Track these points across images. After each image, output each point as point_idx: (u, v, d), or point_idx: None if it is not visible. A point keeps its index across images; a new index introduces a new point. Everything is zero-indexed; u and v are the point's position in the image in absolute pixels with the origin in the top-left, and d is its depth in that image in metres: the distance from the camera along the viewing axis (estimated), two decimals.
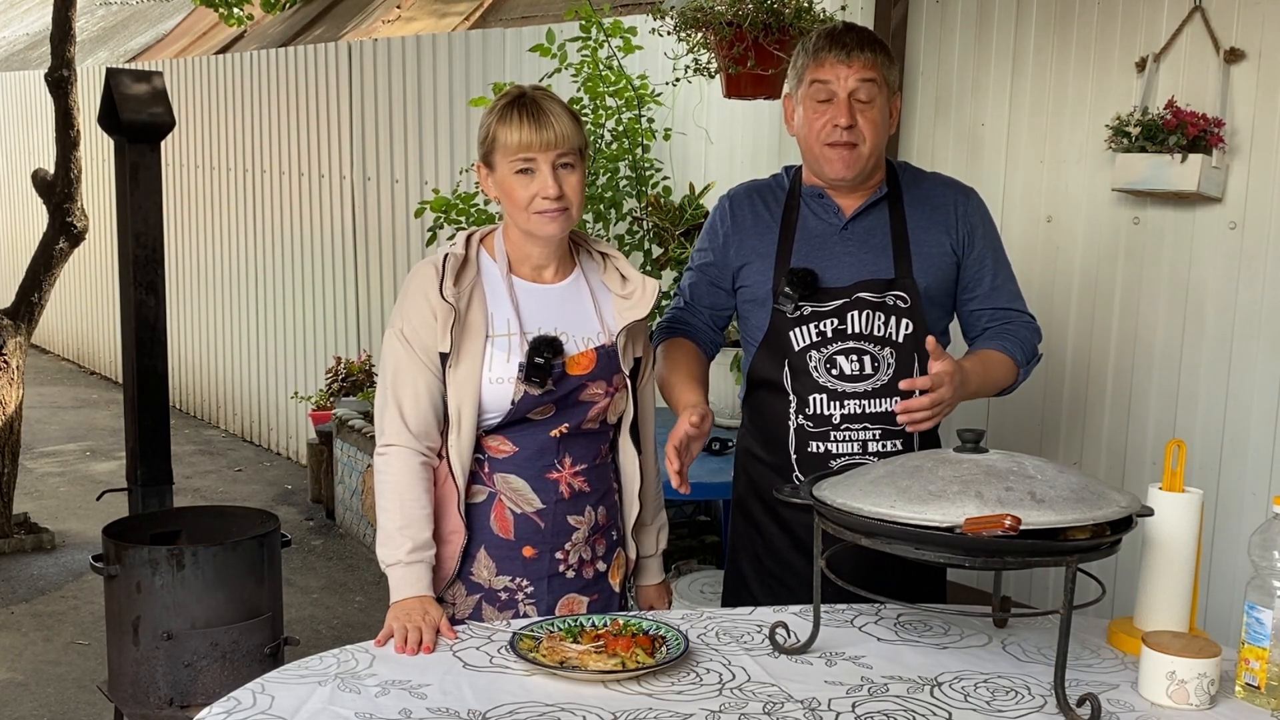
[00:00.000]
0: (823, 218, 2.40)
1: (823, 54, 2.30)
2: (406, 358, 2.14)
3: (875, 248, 2.37)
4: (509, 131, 2.11)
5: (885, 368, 2.33)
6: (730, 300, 2.48)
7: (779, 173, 2.51)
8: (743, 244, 2.42)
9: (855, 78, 2.28)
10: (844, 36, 2.31)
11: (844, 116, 2.28)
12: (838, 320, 2.33)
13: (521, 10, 6.30)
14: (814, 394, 2.34)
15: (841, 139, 2.29)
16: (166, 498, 3.90)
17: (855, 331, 2.33)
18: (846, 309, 2.33)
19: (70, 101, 5.54)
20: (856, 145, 2.30)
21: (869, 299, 2.33)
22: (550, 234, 2.15)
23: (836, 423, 2.33)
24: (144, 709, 3.30)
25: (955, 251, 2.40)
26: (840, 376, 2.33)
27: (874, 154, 2.34)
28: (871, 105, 2.30)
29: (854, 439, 2.33)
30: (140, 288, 3.82)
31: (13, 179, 10.46)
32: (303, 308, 7.16)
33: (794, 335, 2.35)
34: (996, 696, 1.82)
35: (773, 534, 2.44)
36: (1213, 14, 3.15)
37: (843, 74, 2.29)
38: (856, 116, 2.29)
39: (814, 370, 2.34)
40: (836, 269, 2.35)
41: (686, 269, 2.54)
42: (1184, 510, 1.95)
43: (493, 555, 2.18)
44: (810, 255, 2.37)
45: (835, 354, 2.33)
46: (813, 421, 2.35)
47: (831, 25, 2.40)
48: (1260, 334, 3.14)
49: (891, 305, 2.34)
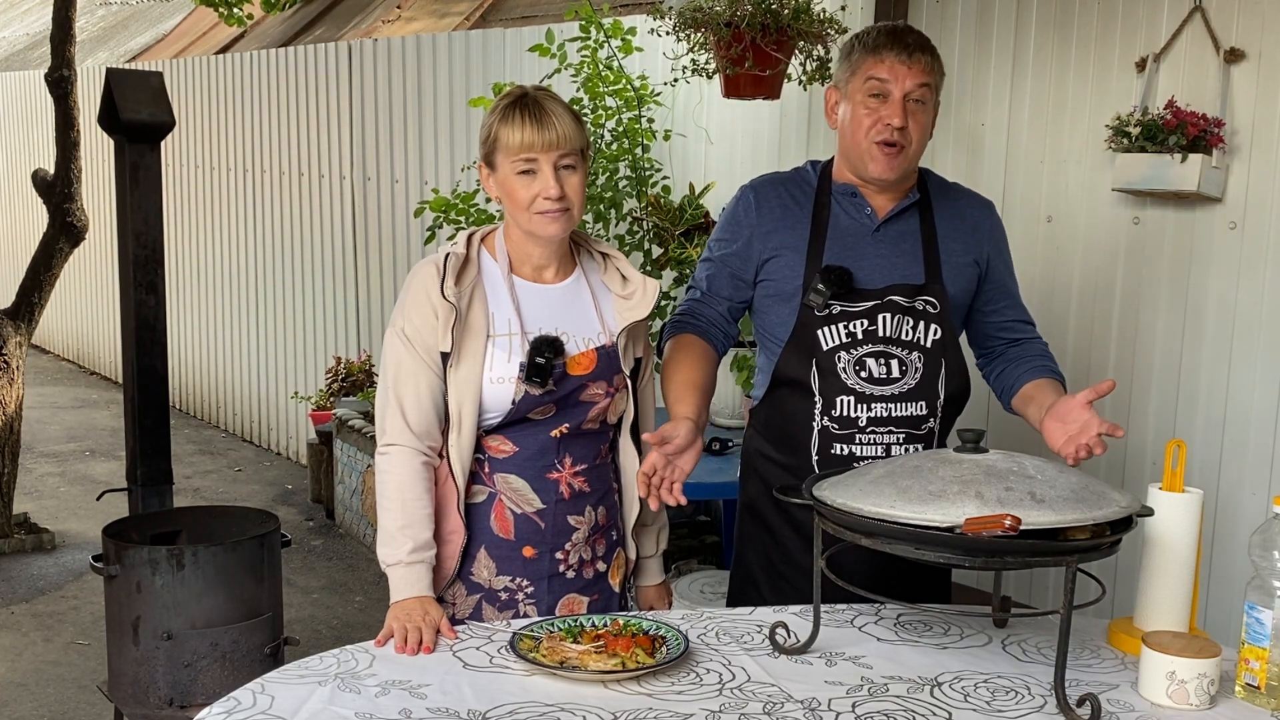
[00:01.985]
0: (855, 217, 2.38)
1: (884, 51, 2.28)
2: (408, 357, 2.14)
3: (906, 252, 2.36)
4: (511, 131, 2.10)
5: (913, 372, 2.32)
6: (749, 293, 2.44)
7: (802, 166, 2.48)
8: (771, 236, 2.38)
9: (913, 80, 2.28)
10: (906, 36, 2.30)
11: (898, 117, 2.27)
12: (868, 322, 2.32)
13: (521, 10, 6.30)
14: (841, 395, 2.32)
15: (893, 138, 2.28)
16: (166, 498, 3.90)
17: (885, 335, 2.32)
18: (877, 311, 2.32)
19: (70, 101, 5.54)
20: (904, 147, 2.30)
21: (900, 302, 2.32)
22: (551, 234, 2.15)
23: (863, 425, 2.32)
24: (144, 709, 3.30)
25: (979, 265, 2.42)
26: (869, 379, 2.32)
27: (917, 158, 2.35)
28: (924, 108, 2.30)
29: (879, 442, 2.32)
30: (140, 288, 3.82)
31: (13, 179, 10.47)
32: (303, 308, 7.16)
33: (822, 334, 2.32)
34: (996, 696, 1.82)
35: (786, 536, 2.41)
36: (1213, 14, 3.15)
37: (901, 74, 2.27)
38: (909, 118, 2.28)
39: (842, 371, 2.31)
40: (868, 270, 2.34)
41: (702, 260, 2.49)
42: (1184, 510, 1.95)
43: (493, 555, 2.18)
44: (842, 254, 2.35)
45: (864, 356, 2.32)
46: (838, 423, 2.32)
47: (891, 24, 2.39)
48: (1260, 334, 3.14)
49: (921, 310, 2.33)
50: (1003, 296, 2.47)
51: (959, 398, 2.40)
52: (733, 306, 2.45)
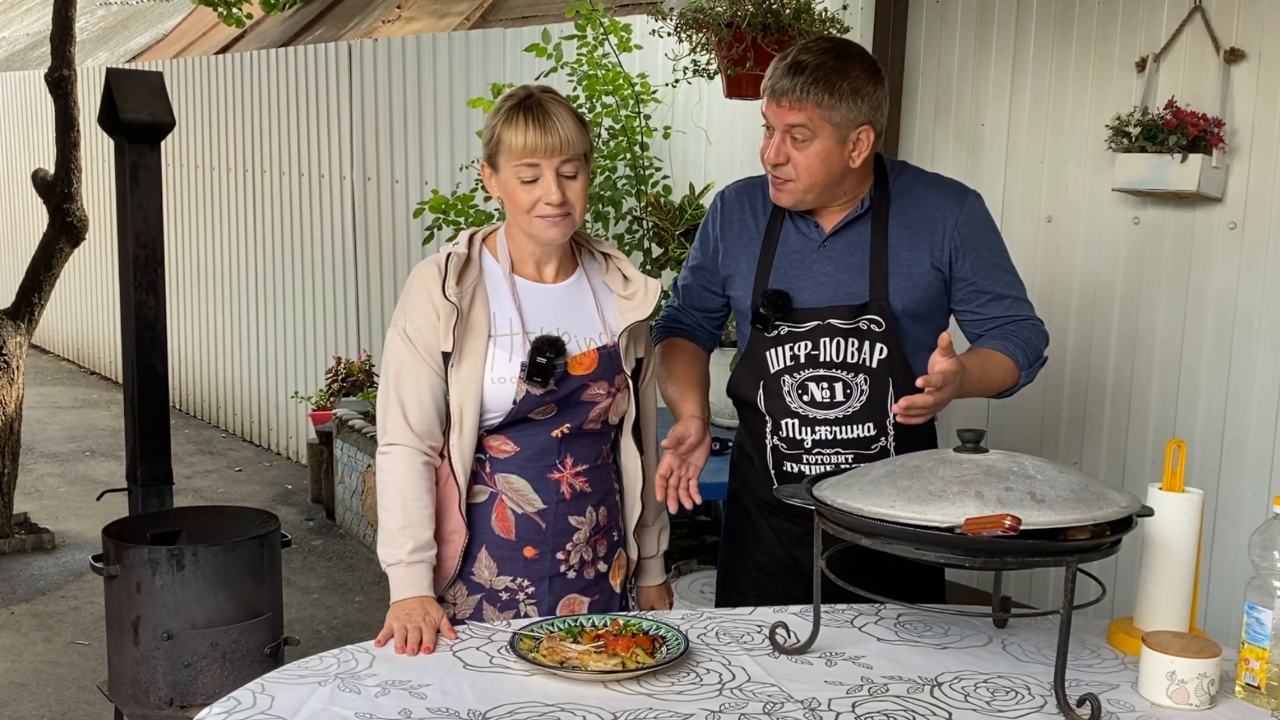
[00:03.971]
0: (803, 232, 2.36)
1: (765, 87, 2.28)
2: (409, 357, 2.14)
3: (852, 266, 2.31)
4: (514, 134, 2.10)
5: (859, 394, 2.31)
6: (722, 302, 2.48)
7: None
8: (728, 254, 2.42)
9: (784, 122, 2.25)
10: (782, 79, 2.24)
11: (773, 153, 2.27)
12: (810, 345, 2.31)
13: (521, 10, 6.30)
14: (786, 418, 2.34)
15: (778, 173, 2.28)
16: (166, 498, 3.90)
17: (827, 359, 2.30)
18: (818, 334, 2.30)
19: (70, 101, 5.53)
20: (790, 180, 2.27)
21: (839, 325, 2.29)
22: (551, 239, 2.15)
23: (808, 447, 2.33)
24: (144, 709, 3.30)
25: (939, 268, 2.31)
26: (811, 403, 2.32)
27: (809, 190, 2.28)
28: (807, 144, 2.25)
29: (826, 462, 2.32)
30: (140, 288, 3.82)
31: (13, 179, 10.46)
32: (303, 308, 7.16)
33: (770, 356, 2.34)
34: (996, 696, 1.82)
35: (763, 529, 2.45)
36: (1213, 14, 3.15)
37: (773, 113, 2.27)
38: (791, 151, 2.26)
39: (787, 395, 2.33)
40: (812, 288, 2.32)
41: (683, 267, 2.54)
42: (1184, 510, 1.95)
43: (494, 555, 2.18)
44: (789, 272, 2.34)
45: (807, 380, 2.32)
46: (786, 444, 2.35)
47: (790, 57, 2.29)
48: (1260, 334, 3.14)
49: (865, 330, 2.29)
50: (977, 295, 2.33)
51: None
52: (707, 316, 2.51)
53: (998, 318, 2.35)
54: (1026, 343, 2.34)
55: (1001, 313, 2.35)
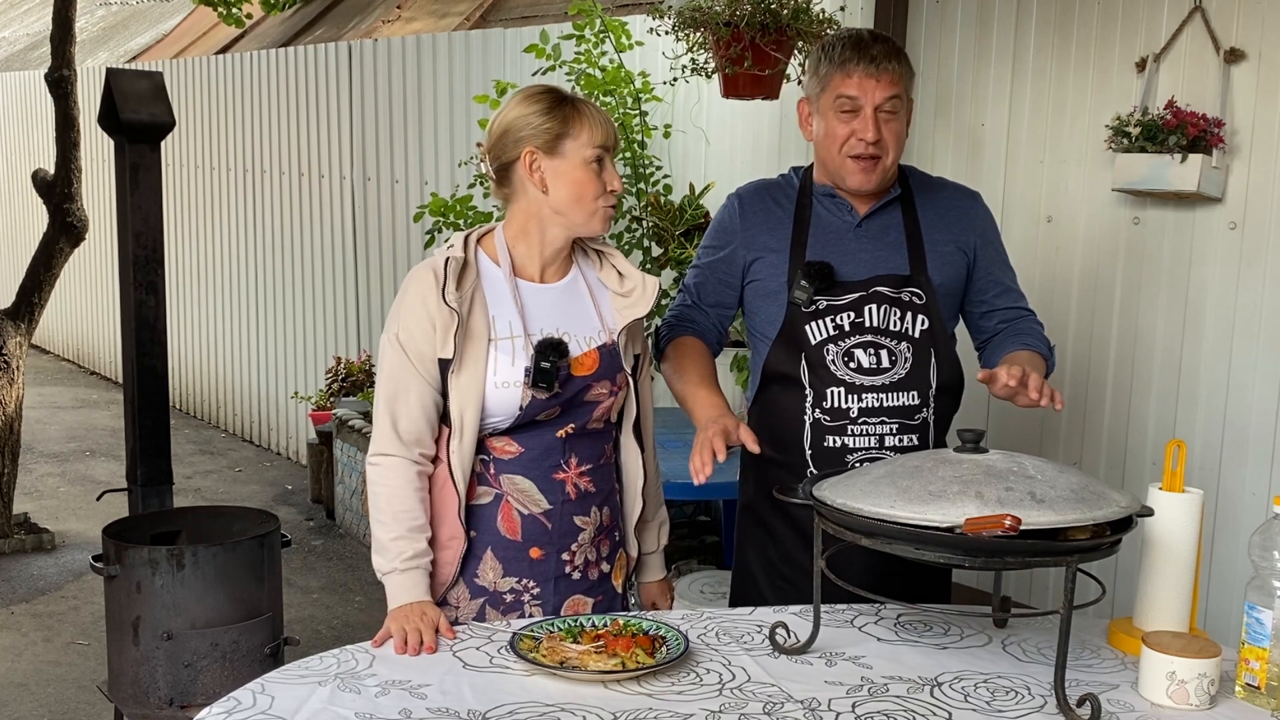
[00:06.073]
0: (836, 215, 2.41)
1: (850, 65, 2.28)
2: (401, 366, 2.12)
3: (890, 245, 2.38)
4: (588, 128, 2.11)
5: (903, 362, 2.33)
6: (737, 298, 2.48)
7: (787, 173, 2.51)
8: (755, 239, 2.42)
9: (882, 93, 2.28)
10: (870, 48, 2.29)
11: (870, 131, 2.28)
12: (854, 314, 2.33)
13: (521, 10, 6.30)
14: (831, 387, 2.33)
15: (866, 152, 2.30)
16: (166, 498, 3.90)
17: (872, 325, 2.33)
18: (863, 302, 2.33)
19: (70, 101, 5.54)
20: (880, 158, 2.31)
21: (886, 293, 2.34)
22: (602, 230, 2.19)
23: (854, 416, 2.32)
24: (144, 709, 3.30)
25: (966, 254, 2.42)
26: (858, 370, 2.32)
27: (894, 165, 2.37)
28: (895, 118, 2.31)
29: (871, 433, 2.33)
30: (140, 288, 3.82)
31: (13, 179, 10.46)
32: (303, 308, 7.16)
33: (810, 329, 2.34)
34: (996, 696, 1.82)
35: (784, 536, 2.42)
36: (1213, 14, 3.15)
37: (870, 88, 2.28)
38: (882, 130, 2.29)
39: (831, 364, 2.33)
40: (851, 264, 2.36)
41: (692, 266, 2.53)
42: (1184, 510, 1.95)
43: (499, 557, 2.17)
44: (825, 250, 2.37)
45: (853, 347, 2.33)
46: (830, 415, 2.34)
47: (855, 33, 2.36)
48: (1260, 334, 3.14)
49: (907, 301, 2.34)
50: (993, 286, 2.46)
51: (952, 389, 2.40)
52: (721, 314, 2.50)
53: (1007, 309, 2.47)
54: (1040, 336, 2.45)
55: (1010, 304, 2.48)
